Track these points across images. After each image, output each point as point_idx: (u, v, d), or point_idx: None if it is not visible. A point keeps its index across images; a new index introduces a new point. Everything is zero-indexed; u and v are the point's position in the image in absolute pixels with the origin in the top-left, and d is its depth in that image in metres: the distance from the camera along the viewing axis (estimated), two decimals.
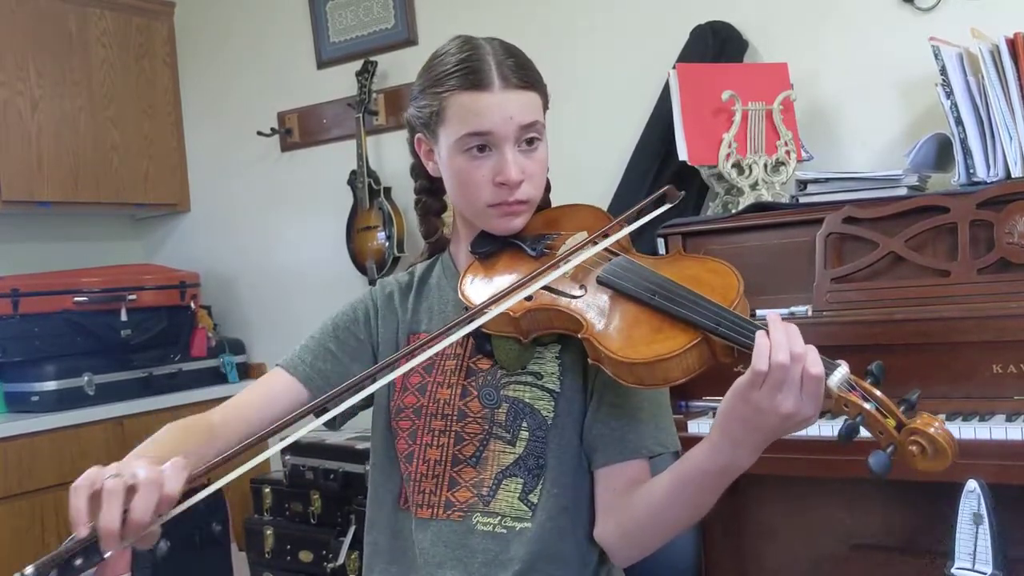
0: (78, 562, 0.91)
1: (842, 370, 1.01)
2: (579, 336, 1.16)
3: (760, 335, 1.02)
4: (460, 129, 1.23)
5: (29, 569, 0.89)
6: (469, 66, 1.23)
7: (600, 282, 1.20)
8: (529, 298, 1.19)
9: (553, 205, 1.40)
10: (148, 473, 0.95)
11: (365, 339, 1.37)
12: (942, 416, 1.10)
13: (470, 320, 1.16)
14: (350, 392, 1.11)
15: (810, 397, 1.00)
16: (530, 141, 1.26)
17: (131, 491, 0.94)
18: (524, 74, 1.25)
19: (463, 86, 1.22)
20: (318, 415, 1.17)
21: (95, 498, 0.94)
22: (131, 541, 0.95)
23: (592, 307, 1.18)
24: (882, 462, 0.98)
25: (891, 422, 0.99)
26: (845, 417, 1.01)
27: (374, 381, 1.14)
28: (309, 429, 1.09)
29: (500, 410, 1.25)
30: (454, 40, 1.29)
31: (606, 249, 1.25)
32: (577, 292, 1.21)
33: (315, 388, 1.31)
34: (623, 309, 1.17)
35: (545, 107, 1.29)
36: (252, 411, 1.29)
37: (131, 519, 0.93)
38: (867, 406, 0.99)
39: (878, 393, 1.00)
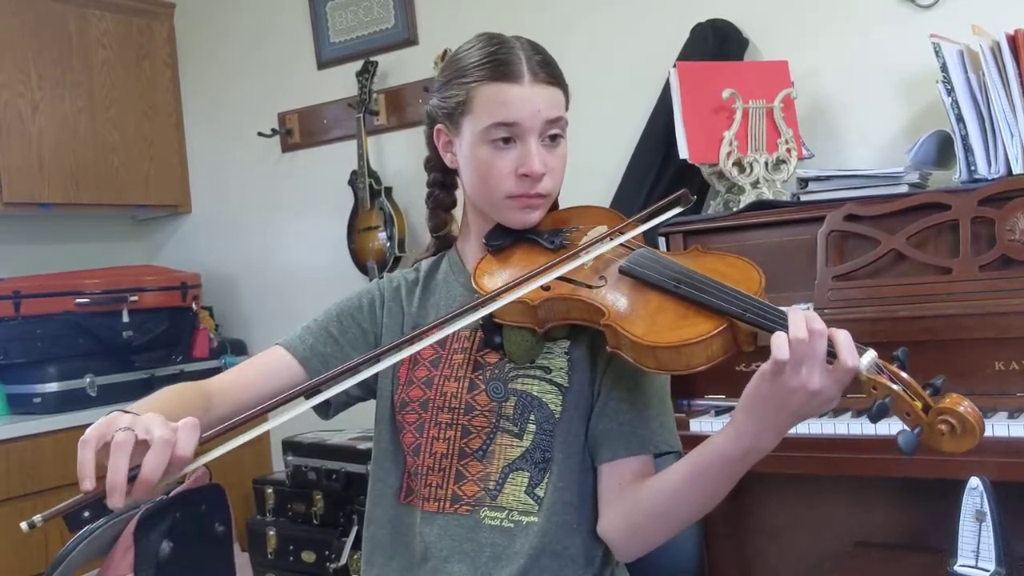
0: (86, 515, 0.91)
1: (871, 353, 1.03)
2: (600, 324, 1.16)
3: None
4: (487, 119, 1.24)
5: (37, 518, 0.89)
6: (499, 58, 1.25)
7: (623, 272, 1.21)
8: (547, 287, 1.19)
9: (560, 206, 1.41)
10: (162, 432, 0.92)
11: (368, 328, 1.37)
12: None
13: (481, 305, 1.15)
14: (346, 375, 1.09)
15: (825, 370, 1.01)
16: (553, 137, 1.28)
17: (142, 446, 0.91)
18: (551, 70, 1.27)
19: (492, 77, 1.24)
20: (309, 397, 1.15)
21: (104, 450, 0.91)
22: (138, 499, 0.93)
23: (613, 296, 1.19)
24: (910, 441, 1.00)
25: (918, 404, 1.01)
26: (864, 398, 1.02)
27: (376, 363, 1.12)
28: (299, 412, 1.06)
29: (508, 403, 1.26)
30: (480, 36, 1.31)
31: (624, 244, 1.26)
32: (597, 282, 1.21)
33: (312, 370, 1.32)
34: (646, 298, 1.17)
35: (566, 106, 1.30)
36: (248, 386, 1.28)
37: (140, 477, 0.91)
38: (895, 388, 1.01)
39: (905, 376, 1.02)
